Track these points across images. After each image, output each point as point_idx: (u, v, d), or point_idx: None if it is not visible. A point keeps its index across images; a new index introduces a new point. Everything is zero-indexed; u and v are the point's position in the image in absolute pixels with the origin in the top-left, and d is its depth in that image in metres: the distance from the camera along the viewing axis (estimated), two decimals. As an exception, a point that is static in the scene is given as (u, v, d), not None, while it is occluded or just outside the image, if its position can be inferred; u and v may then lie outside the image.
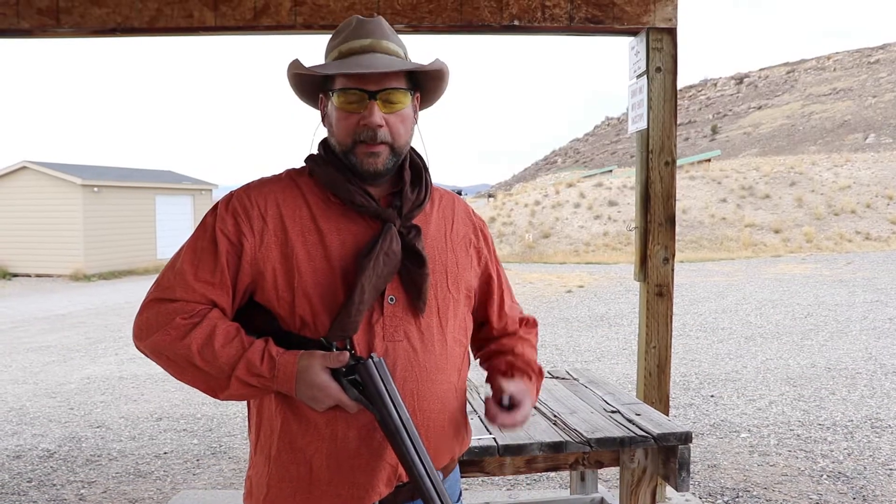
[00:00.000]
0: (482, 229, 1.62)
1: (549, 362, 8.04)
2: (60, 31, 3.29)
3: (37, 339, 10.47)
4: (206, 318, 1.34)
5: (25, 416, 6.07)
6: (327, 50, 1.47)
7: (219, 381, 1.34)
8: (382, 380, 1.28)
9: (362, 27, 1.43)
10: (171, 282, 1.38)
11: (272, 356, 1.32)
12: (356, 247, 1.38)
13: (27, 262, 21.25)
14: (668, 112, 3.36)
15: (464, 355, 1.53)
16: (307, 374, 1.30)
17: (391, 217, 1.39)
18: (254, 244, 1.37)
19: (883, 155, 37.10)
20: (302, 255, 1.37)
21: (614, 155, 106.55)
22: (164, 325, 1.34)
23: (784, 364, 7.59)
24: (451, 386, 1.47)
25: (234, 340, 1.33)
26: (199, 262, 1.37)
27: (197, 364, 1.33)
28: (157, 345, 1.35)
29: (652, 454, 2.51)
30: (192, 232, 1.43)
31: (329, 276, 1.37)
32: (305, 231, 1.39)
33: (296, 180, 1.46)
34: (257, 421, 1.44)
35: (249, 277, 1.39)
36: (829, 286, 13.79)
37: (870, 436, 5.04)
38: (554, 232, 28.27)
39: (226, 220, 1.39)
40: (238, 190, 1.45)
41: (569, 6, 3.32)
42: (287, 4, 3.26)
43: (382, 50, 1.41)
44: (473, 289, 1.56)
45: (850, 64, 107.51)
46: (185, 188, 25.31)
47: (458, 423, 1.51)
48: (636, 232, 3.49)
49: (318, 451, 1.36)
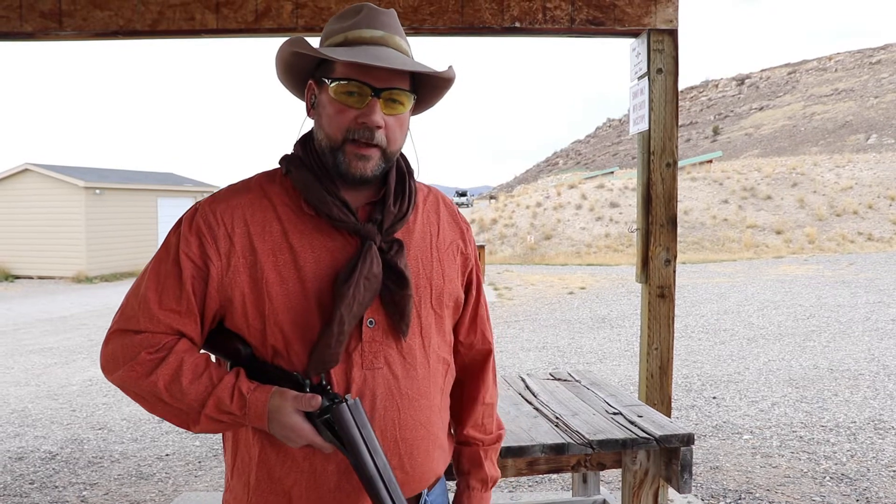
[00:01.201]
0: (468, 232, 1.51)
1: (551, 364, 8.04)
2: (63, 33, 3.29)
3: (39, 340, 10.48)
4: (173, 353, 1.26)
5: (27, 418, 6.07)
6: (328, 33, 1.33)
7: (189, 416, 1.27)
8: (357, 424, 1.20)
9: (376, 17, 1.30)
10: (134, 311, 1.29)
11: (242, 394, 1.24)
12: (333, 266, 1.28)
13: (29, 264, 21.27)
14: (669, 113, 3.35)
15: (447, 370, 1.45)
16: (279, 414, 1.23)
17: (371, 234, 1.29)
18: (220, 268, 1.27)
19: (885, 155, 37.07)
20: (273, 279, 1.27)
21: (616, 156, 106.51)
22: (130, 359, 1.27)
23: (786, 365, 7.58)
24: (434, 408, 1.39)
25: (203, 376, 1.26)
26: (162, 288, 1.28)
27: (165, 400, 1.26)
28: (123, 381, 1.29)
29: (654, 456, 2.51)
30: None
31: (302, 301, 1.27)
32: (276, 250, 1.28)
33: (266, 190, 1.34)
34: (233, 445, 1.37)
35: (217, 303, 1.29)
36: (832, 287, 13.77)
37: (873, 437, 5.03)
38: (555, 233, 28.26)
39: (190, 241, 1.28)
40: (203, 204, 1.33)
41: (570, 8, 3.32)
42: (288, 7, 3.27)
43: (394, 45, 1.29)
44: (460, 299, 1.46)
45: (852, 64, 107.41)
46: (187, 190, 25.33)
47: (443, 442, 1.44)
48: (638, 233, 3.49)
49: (297, 483, 1.30)
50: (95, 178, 21.60)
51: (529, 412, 2.77)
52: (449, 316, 1.43)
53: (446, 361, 1.43)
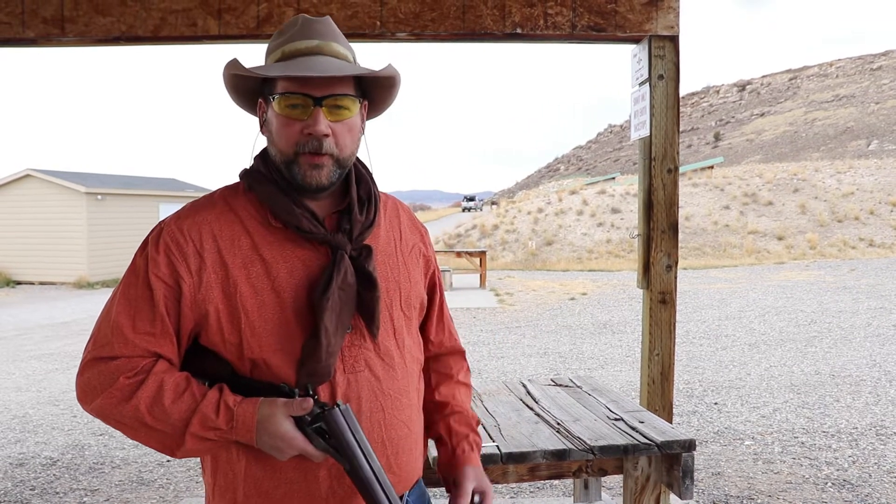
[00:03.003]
0: (427, 236, 1.54)
1: (552, 370, 8.03)
2: (65, 39, 3.30)
3: (40, 346, 10.48)
4: (152, 374, 1.24)
5: (28, 424, 6.07)
6: (269, 50, 1.35)
7: (173, 438, 1.24)
8: (350, 428, 1.19)
9: (309, 27, 1.31)
10: (108, 338, 1.26)
11: (229, 406, 1.22)
12: (307, 276, 1.29)
13: (30, 270, 21.29)
14: (670, 119, 3.36)
15: (420, 372, 1.48)
16: (269, 423, 1.21)
17: (342, 244, 1.29)
18: (192, 285, 1.26)
19: (886, 161, 37.10)
20: (246, 292, 1.26)
21: (617, 162, 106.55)
22: (107, 386, 1.24)
23: (788, 371, 7.57)
24: (413, 408, 1.41)
25: (185, 394, 1.23)
26: (135, 312, 1.26)
27: (147, 423, 1.23)
28: (102, 409, 1.25)
29: (655, 462, 2.50)
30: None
31: (278, 311, 1.27)
32: (248, 263, 1.28)
33: (231, 203, 1.33)
34: (213, 465, 1.33)
35: (192, 322, 1.28)
36: (833, 293, 13.76)
37: (875, 443, 5.02)
38: (557, 239, 28.26)
39: (158, 261, 1.27)
40: (168, 222, 1.31)
41: (571, 14, 3.33)
42: (290, 13, 3.27)
43: (330, 52, 1.30)
44: (424, 301, 1.49)
45: (853, 70, 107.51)
46: (188, 196, 25.35)
47: (420, 442, 1.46)
48: (639, 239, 3.49)
49: (288, 495, 1.29)
50: (97, 184, 21.63)
51: (531, 418, 2.76)
52: (416, 318, 1.46)
53: (419, 361, 1.46)
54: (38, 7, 3.26)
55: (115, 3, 3.24)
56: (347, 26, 3.24)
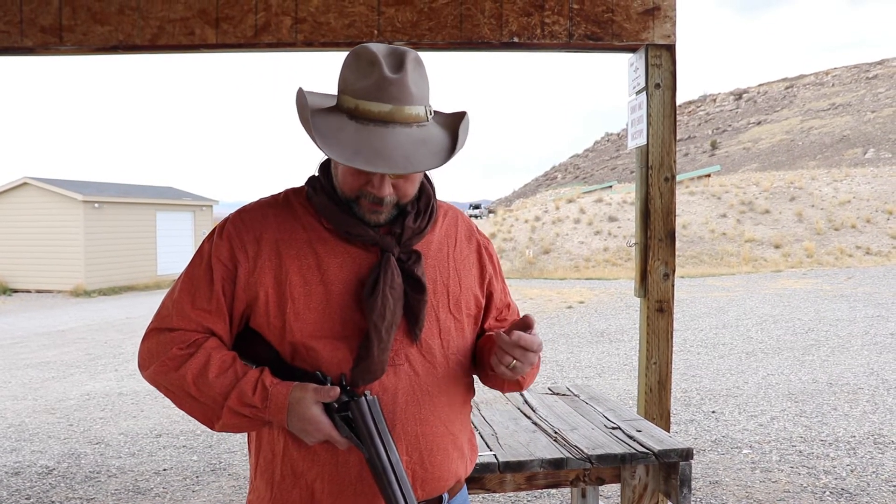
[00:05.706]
0: (487, 247, 1.56)
1: (549, 378, 8.02)
2: (63, 48, 3.31)
3: (36, 354, 10.45)
4: (202, 348, 1.34)
5: (24, 433, 6.05)
6: (343, 87, 1.31)
7: (213, 410, 1.33)
8: (374, 419, 1.26)
9: (385, 87, 1.25)
10: (168, 311, 1.38)
11: (265, 386, 1.30)
12: (357, 272, 1.36)
13: (27, 278, 21.26)
14: (667, 128, 3.37)
15: (468, 376, 1.50)
16: (299, 406, 1.28)
17: (388, 245, 1.36)
18: (247, 269, 1.36)
19: (882, 170, 37.20)
20: (296, 280, 1.34)
21: (614, 171, 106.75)
22: (162, 355, 1.34)
23: (785, 379, 7.57)
24: (454, 408, 1.45)
25: (229, 370, 1.32)
26: (195, 290, 1.37)
27: (192, 394, 1.33)
28: (155, 375, 1.36)
29: (653, 470, 2.50)
30: (193, 248, 1.41)
31: (324, 301, 1.34)
32: (301, 255, 1.36)
33: (293, 202, 1.43)
34: (257, 444, 1.43)
35: (244, 303, 1.37)
36: (830, 301, 13.77)
37: (873, 452, 5.01)
38: (554, 248, 28.27)
39: (221, 246, 1.38)
40: (234, 214, 1.44)
41: (568, 23, 3.34)
42: (287, 22, 3.28)
43: (403, 119, 1.27)
44: (481, 304, 1.52)
45: (849, 79, 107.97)
46: (185, 204, 25.34)
47: (462, 445, 1.49)
48: (636, 248, 3.49)
49: (320, 477, 1.36)
50: (94, 192, 21.62)
51: (528, 427, 2.76)
52: (470, 323, 1.49)
53: (465, 366, 1.48)
54: (36, 16, 3.27)
55: (112, 12, 3.25)
56: (345, 35, 3.25)
